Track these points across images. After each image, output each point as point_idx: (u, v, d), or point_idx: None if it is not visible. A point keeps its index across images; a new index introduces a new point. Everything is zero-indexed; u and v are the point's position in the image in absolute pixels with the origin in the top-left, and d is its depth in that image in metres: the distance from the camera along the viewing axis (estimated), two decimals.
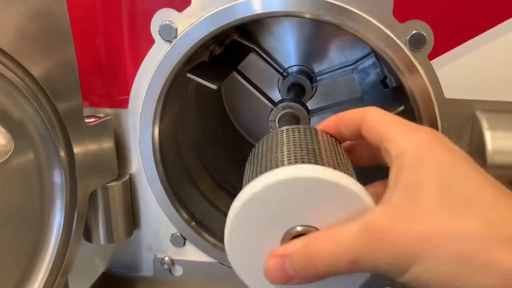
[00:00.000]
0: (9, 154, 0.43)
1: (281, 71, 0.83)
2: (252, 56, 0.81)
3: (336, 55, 0.83)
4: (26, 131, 0.44)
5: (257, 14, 0.49)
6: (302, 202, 0.30)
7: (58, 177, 0.48)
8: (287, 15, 0.50)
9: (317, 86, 0.82)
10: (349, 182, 0.30)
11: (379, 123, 0.33)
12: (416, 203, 0.27)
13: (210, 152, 0.74)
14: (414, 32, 0.47)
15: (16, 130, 0.43)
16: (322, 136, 0.37)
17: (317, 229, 0.31)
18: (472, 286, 0.24)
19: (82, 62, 0.50)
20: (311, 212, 0.31)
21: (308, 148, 0.33)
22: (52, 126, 0.46)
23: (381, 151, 0.32)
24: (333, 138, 0.37)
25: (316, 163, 0.31)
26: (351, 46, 0.81)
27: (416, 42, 0.48)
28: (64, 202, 0.48)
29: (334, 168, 0.31)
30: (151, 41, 0.52)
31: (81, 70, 0.49)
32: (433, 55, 0.48)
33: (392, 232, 0.26)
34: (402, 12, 0.47)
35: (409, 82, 0.49)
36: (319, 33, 0.82)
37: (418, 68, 0.48)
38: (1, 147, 0.45)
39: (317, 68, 0.84)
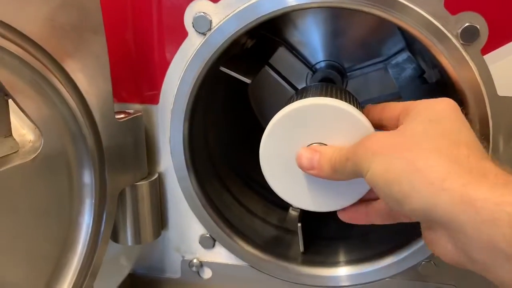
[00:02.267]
0: (38, 151, 0.41)
1: (310, 66, 0.80)
2: (280, 51, 0.78)
3: (365, 49, 0.80)
4: (56, 126, 0.42)
5: (300, 5, 0.46)
6: (321, 124, 0.43)
7: (87, 176, 0.46)
8: (325, 6, 0.47)
9: (347, 81, 0.79)
10: (357, 112, 0.42)
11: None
12: (402, 135, 0.36)
13: (238, 152, 0.71)
14: (466, 24, 0.44)
15: (45, 125, 0.41)
16: (343, 91, 0.49)
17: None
18: (408, 183, 0.31)
19: (112, 57, 0.48)
20: (328, 132, 0.43)
21: (329, 92, 0.46)
22: (82, 121, 0.44)
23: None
24: (354, 97, 0.49)
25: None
26: (381, 39, 0.78)
27: (468, 35, 0.45)
28: (93, 201, 0.46)
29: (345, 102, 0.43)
30: (184, 34, 0.49)
31: (111, 65, 0.47)
32: (486, 49, 0.45)
33: (370, 141, 0.36)
34: (454, 3, 0.44)
35: (459, 78, 0.46)
36: (347, 27, 0.79)
37: (470, 63, 0.45)
38: (31, 143, 0.43)
39: (346, 63, 0.81)
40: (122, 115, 0.50)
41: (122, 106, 0.54)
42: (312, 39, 0.80)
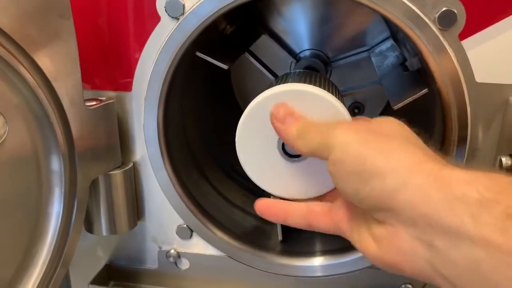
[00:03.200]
0: (2, 139, 0.40)
1: (294, 55, 0.79)
2: (263, 39, 0.77)
3: (351, 38, 0.78)
4: (21, 114, 0.41)
5: None
6: (299, 110, 0.41)
7: (56, 164, 0.44)
8: None
9: (331, 70, 0.78)
10: (335, 100, 0.42)
11: None
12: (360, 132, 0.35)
13: (219, 140, 0.70)
14: (444, 9, 0.43)
15: (10, 112, 0.40)
16: (323, 78, 0.49)
17: None
18: (383, 160, 0.31)
19: (83, 42, 0.47)
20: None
21: (310, 79, 0.46)
22: (50, 108, 0.42)
23: None
24: (334, 85, 0.50)
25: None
26: (366, 29, 0.77)
27: (446, 20, 0.44)
28: (63, 190, 0.45)
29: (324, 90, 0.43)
30: (157, 19, 0.48)
31: (81, 51, 0.45)
32: (464, 34, 0.44)
33: (348, 122, 0.39)
34: None
35: (437, 64, 0.45)
36: (332, 15, 0.78)
37: (448, 48, 0.44)
38: None
39: (331, 52, 0.79)
40: (94, 102, 0.49)
41: (95, 93, 0.52)
42: (296, 27, 0.79)
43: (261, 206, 0.43)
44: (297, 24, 0.79)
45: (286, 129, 0.39)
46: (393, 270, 0.32)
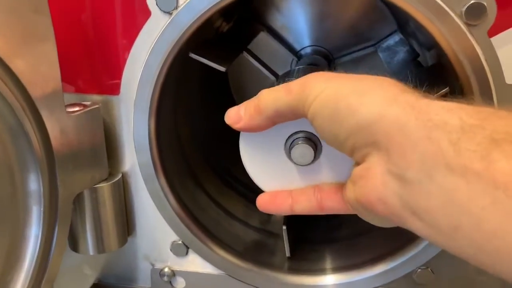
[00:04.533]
0: None
1: (295, 52, 0.74)
2: (261, 37, 0.72)
3: (355, 33, 0.74)
4: None
5: None
6: None
7: (34, 181, 0.39)
8: None
9: (335, 67, 0.73)
10: None
11: None
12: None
13: (216, 146, 0.65)
14: (472, 1, 0.38)
15: None
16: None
17: (316, 137, 0.40)
18: (357, 99, 0.30)
19: (65, 41, 0.42)
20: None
21: None
22: (25, 117, 0.37)
23: None
24: None
25: None
26: (371, 21, 0.72)
27: (474, 14, 0.39)
28: (42, 209, 0.40)
29: None
30: (147, 13, 0.43)
31: (63, 50, 0.41)
32: (494, 31, 0.39)
33: (320, 73, 0.35)
34: None
35: (462, 63, 0.40)
36: (333, 9, 0.73)
37: (475, 46, 0.40)
38: None
39: (334, 48, 0.75)
40: (76, 108, 0.43)
41: (79, 97, 0.47)
42: (297, 23, 0.74)
43: (264, 200, 0.40)
44: (297, 19, 0.74)
45: (248, 120, 0.37)
46: (369, 214, 0.32)
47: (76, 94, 0.47)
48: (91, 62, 0.46)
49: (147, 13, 0.43)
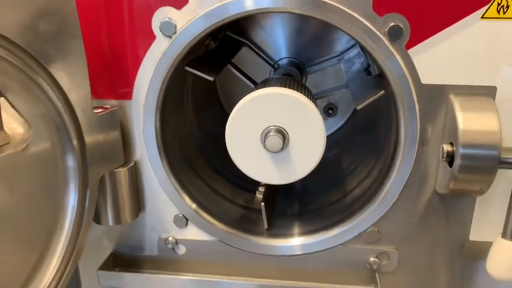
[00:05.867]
0: (27, 142, 0.48)
1: (272, 63, 0.88)
2: (244, 50, 0.86)
3: (324, 47, 0.88)
4: (43, 121, 0.49)
5: (249, 11, 0.54)
6: (277, 110, 0.53)
7: (71, 162, 0.52)
8: (276, 11, 0.54)
9: (307, 76, 0.87)
10: (307, 101, 0.52)
11: None
12: None
13: (208, 142, 0.78)
14: (392, 24, 0.52)
15: (34, 120, 0.48)
16: (298, 83, 0.60)
17: (285, 129, 0.53)
18: None
19: (90, 58, 0.54)
20: (283, 117, 0.53)
21: (286, 84, 0.57)
22: (66, 116, 0.50)
23: None
24: (307, 88, 0.61)
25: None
26: (337, 39, 0.86)
27: (394, 34, 0.53)
28: (77, 185, 0.53)
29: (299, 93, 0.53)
30: (152, 37, 0.56)
31: (89, 65, 0.53)
32: (410, 44, 0.53)
33: None
34: (381, 6, 0.52)
35: (389, 70, 0.54)
36: (307, 27, 0.87)
37: (397, 56, 0.53)
38: (20, 136, 0.49)
39: (306, 59, 0.89)
40: (100, 110, 0.57)
41: (100, 102, 0.60)
42: (275, 38, 0.88)
43: None
44: (275, 35, 0.88)
45: None
46: None
47: (98, 100, 0.60)
48: (109, 75, 0.59)
49: (152, 37, 0.56)
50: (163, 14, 0.55)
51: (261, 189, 0.74)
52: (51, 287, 0.53)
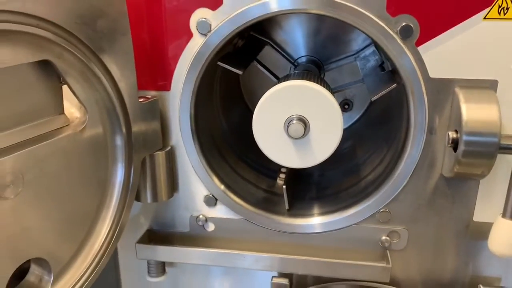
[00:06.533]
0: (84, 125, 0.55)
1: (292, 61, 0.94)
2: (266, 49, 0.93)
3: (340, 46, 0.94)
4: (97, 106, 0.56)
5: (274, 12, 0.60)
6: (299, 100, 0.59)
7: (119, 142, 0.60)
8: (297, 12, 0.61)
9: (324, 73, 0.93)
10: (326, 92, 0.59)
11: None
12: None
13: (232, 131, 0.86)
14: (403, 24, 0.59)
15: (90, 105, 0.56)
16: (317, 76, 0.67)
17: (306, 118, 0.60)
18: None
19: (135, 52, 0.61)
20: (305, 107, 0.59)
21: (307, 77, 0.62)
22: (116, 102, 0.58)
23: None
24: (326, 82, 0.67)
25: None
26: (352, 38, 0.92)
27: (405, 32, 0.59)
28: (124, 164, 0.61)
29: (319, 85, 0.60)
30: (190, 35, 0.64)
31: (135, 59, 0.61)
32: (419, 42, 0.59)
33: None
34: (393, 8, 0.58)
35: (401, 65, 0.61)
36: (324, 28, 0.93)
37: (407, 53, 0.60)
38: (77, 119, 0.57)
39: (324, 58, 0.95)
40: (143, 99, 0.64)
41: (142, 92, 0.68)
42: (294, 38, 0.95)
43: None
44: (294, 35, 0.95)
45: None
46: None
47: (141, 91, 0.67)
48: (151, 68, 0.66)
49: (190, 35, 0.64)
50: (200, 14, 0.62)
51: (282, 175, 0.80)
52: (99, 255, 0.60)
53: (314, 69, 0.91)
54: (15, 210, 0.47)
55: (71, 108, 0.57)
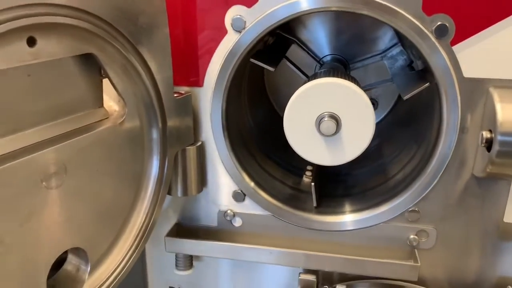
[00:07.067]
0: (123, 118, 0.56)
1: (318, 59, 0.95)
2: (293, 47, 0.93)
3: (366, 46, 0.94)
4: (135, 99, 0.57)
5: (308, 10, 0.61)
6: (330, 97, 0.59)
7: (155, 135, 0.61)
8: (331, 10, 0.61)
9: (350, 72, 0.94)
10: (357, 88, 0.59)
11: None
12: None
13: (258, 129, 0.86)
14: (439, 23, 0.59)
15: (129, 98, 0.57)
16: (345, 73, 0.67)
17: (338, 115, 0.60)
18: None
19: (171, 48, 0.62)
20: (335, 103, 0.59)
21: (336, 75, 0.63)
22: (154, 96, 0.59)
23: None
24: (354, 78, 0.67)
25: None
26: (379, 37, 0.92)
27: (440, 32, 0.59)
28: (159, 157, 0.62)
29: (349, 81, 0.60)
30: (224, 32, 0.64)
31: None
32: (454, 42, 0.60)
33: None
34: (429, 7, 0.59)
35: (434, 64, 0.61)
36: (350, 26, 0.94)
37: (442, 52, 0.60)
38: (116, 112, 0.58)
39: (349, 56, 0.95)
40: (177, 94, 0.65)
41: (176, 88, 0.68)
42: (319, 36, 0.95)
43: None
44: (319, 34, 0.95)
45: None
46: None
47: (175, 86, 0.68)
48: (185, 65, 0.67)
49: (224, 31, 0.64)
50: (235, 11, 0.63)
51: (308, 173, 0.81)
52: (133, 247, 0.61)
53: (341, 67, 0.91)
54: (58, 200, 0.48)
55: (110, 101, 0.58)
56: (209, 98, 0.68)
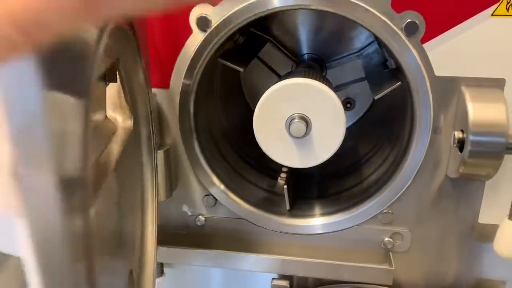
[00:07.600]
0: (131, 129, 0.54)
1: (294, 58, 0.93)
2: (267, 46, 0.91)
3: (342, 44, 0.93)
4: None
5: (275, 8, 0.59)
6: (301, 98, 0.57)
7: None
8: (299, 8, 0.59)
9: (326, 71, 0.92)
10: (327, 89, 0.57)
11: None
12: None
13: (233, 130, 0.84)
14: (408, 20, 0.57)
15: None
16: (318, 74, 0.64)
17: (308, 117, 0.58)
18: None
19: None
20: (306, 104, 0.57)
21: (308, 75, 0.60)
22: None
23: None
24: (326, 78, 0.65)
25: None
26: (355, 36, 0.91)
27: (410, 29, 0.58)
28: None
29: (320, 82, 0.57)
30: (189, 31, 0.62)
31: None
32: (425, 39, 0.58)
33: None
34: (398, 4, 0.57)
35: (405, 63, 0.59)
36: (326, 25, 0.92)
37: (413, 50, 0.58)
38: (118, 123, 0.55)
39: (326, 55, 0.94)
40: None
41: None
42: (296, 35, 0.94)
43: None
44: (296, 32, 0.93)
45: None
46: None
47: None
48: (150, 66, 0.65)
49: (189, 31, 0.62)
50: (200, 10, 0.61)
51: (283, 175, 0.79)
52: None
53: (316, 66, 0.89)
54: None
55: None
56: (176, 100, 0.66)
